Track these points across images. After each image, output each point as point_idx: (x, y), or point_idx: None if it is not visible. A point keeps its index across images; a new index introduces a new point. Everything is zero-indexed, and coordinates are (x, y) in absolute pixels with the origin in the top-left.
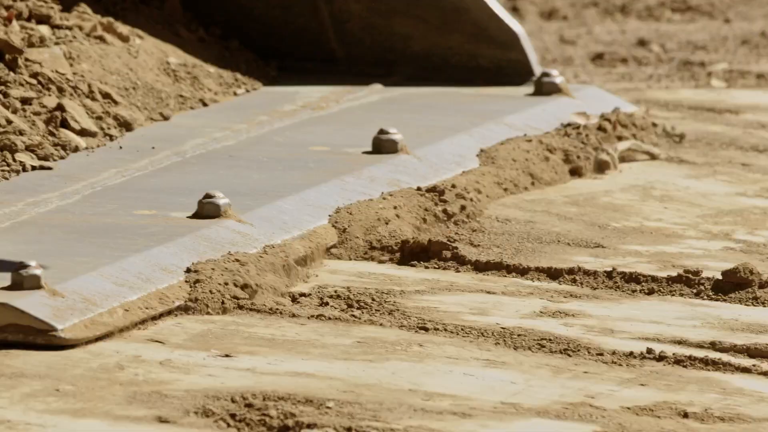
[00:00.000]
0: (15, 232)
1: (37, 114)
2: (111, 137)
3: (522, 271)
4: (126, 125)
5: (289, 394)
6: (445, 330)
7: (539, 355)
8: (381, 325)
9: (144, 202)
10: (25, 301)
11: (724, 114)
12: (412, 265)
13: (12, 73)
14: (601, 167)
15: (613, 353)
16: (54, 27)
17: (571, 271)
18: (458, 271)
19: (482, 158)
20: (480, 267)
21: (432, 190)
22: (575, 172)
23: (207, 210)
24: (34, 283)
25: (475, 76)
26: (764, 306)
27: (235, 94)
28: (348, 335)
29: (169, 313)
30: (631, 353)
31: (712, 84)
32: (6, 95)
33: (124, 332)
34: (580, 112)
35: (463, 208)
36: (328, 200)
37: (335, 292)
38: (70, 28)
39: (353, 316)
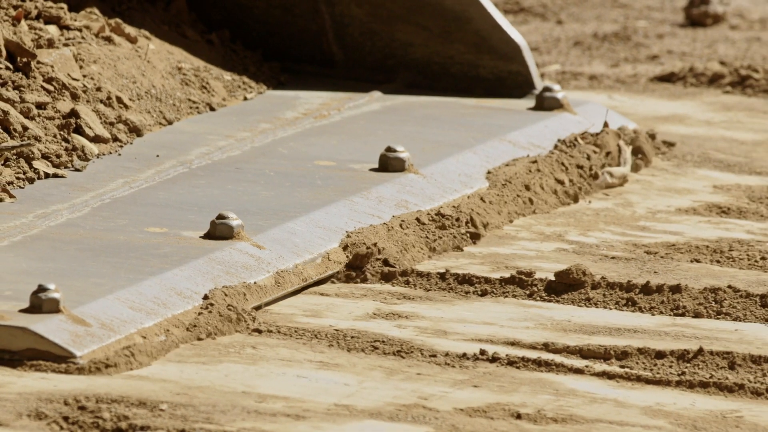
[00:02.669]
0: (27, 247)
1: (50, 119)
2: (121, 143)
3: None
4: (136, 131)
5: (122, 397)
6: (279, 332)
7: (372, 357)
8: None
9: (154, 218)
10: (44, 326)
11: None
12: None
13: (26, 78)
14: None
15: (446, 355)
16: (63, 27)
17: (404, 273)
18: None
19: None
20: None
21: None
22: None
23: (220, 231)
24: (53, 307)
25: (475, 86)
26: (597, 307)
27: (245, 98)
28: None
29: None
30: (464, 355)
31: None
32: (22, 100)
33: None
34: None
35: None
36: (338, 222)
37: None
38: (79, 29)
39: None
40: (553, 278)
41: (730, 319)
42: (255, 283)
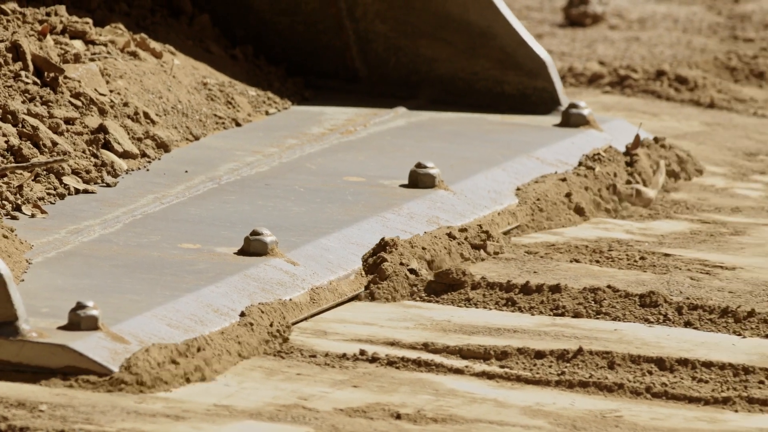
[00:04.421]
0: (61, 263)
1: (79, 134)
2: (149, 159)
3: None
4: (164, 146)
5: (2, 398)
6: None
7: (252, 357)
8: None
9: (187, 234)
10: (83, 344)
11: None
12: None
13: (53, 93)
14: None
15: (326, 355)
16: (88, 42)
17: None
18: None
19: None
20: None
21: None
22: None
23: (254, 247)
24: (92, 324)
25: (500, 103)
26: (476, 307)
27: (267, 113)
28: None
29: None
30: (344, 355)
31: None
32: (51, 115)
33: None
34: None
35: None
36: (371, 238)
37: None
38: (104, 44)
39: None
40: (432, 278)
41: (609, 318)
42: (290, 299)
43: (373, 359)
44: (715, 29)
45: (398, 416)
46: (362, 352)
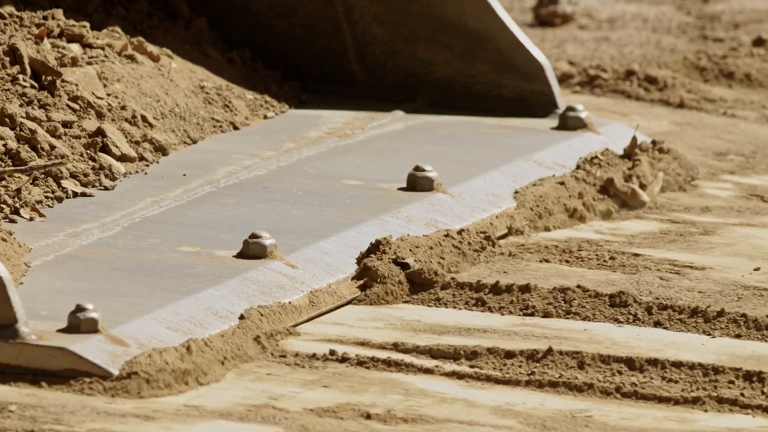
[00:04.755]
0: (60, 266)
1: (77, 138)
2: (147, 162)
3: None
4: (161, 149)
5: None
6: None
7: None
8: None
9: (186, 237)
10: (83, 346)
11: None
12: None
13: (51, 96)
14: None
15: (296, 355)
16: (85, 46)
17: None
18: None
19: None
20: None
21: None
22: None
23: (253, 250)
24: (91, 327)
25: (497, 106)
26: (446, 307)
27: (265, 117)
28: None
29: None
30: (314, 355)
31: None
32: (48, 119)
33: None
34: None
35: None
36: (370, 241)
37: None
38: (101, 48)
39: None
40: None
41: (579, 318)
42: (290, 302)
43: (343, 359)
44: (684, 29)
45: (368, 416)
46: (332, 352)
